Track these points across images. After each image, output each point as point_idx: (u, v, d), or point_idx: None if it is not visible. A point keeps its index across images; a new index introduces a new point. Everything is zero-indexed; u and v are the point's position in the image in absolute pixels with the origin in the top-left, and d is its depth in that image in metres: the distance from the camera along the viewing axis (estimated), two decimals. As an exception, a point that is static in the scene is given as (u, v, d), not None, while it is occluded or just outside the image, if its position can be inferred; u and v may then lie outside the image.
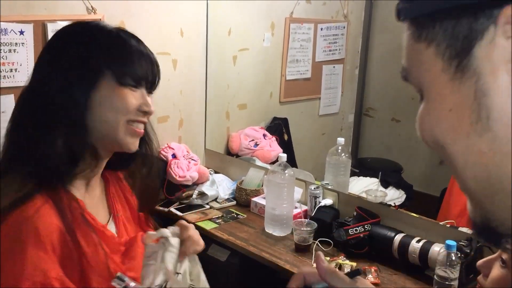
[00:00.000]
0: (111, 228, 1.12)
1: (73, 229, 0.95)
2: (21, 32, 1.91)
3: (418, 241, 1.76)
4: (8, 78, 1.91)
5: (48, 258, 0.89)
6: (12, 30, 1.89)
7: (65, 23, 2.03)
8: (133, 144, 1.07)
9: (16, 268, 0.87)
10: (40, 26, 1.96)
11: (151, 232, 1.03)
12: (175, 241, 1.02)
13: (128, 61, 1.03)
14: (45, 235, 0.89)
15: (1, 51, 1.88)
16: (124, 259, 1.07)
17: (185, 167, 2.41)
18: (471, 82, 0.37)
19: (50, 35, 1.98)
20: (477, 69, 0.36)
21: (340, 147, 2.28)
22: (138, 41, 1.08)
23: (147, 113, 1.06)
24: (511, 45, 0.35)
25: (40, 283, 0.86)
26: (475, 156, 0.38)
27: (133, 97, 1.03)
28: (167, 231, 1.02)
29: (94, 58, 1.01)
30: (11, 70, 1.91)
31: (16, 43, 1.91)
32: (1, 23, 1.86)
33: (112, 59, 1.01)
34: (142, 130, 1.08)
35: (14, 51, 1.91)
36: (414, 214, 1.98)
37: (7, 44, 1.89)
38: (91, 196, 1.09)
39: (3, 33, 1.87)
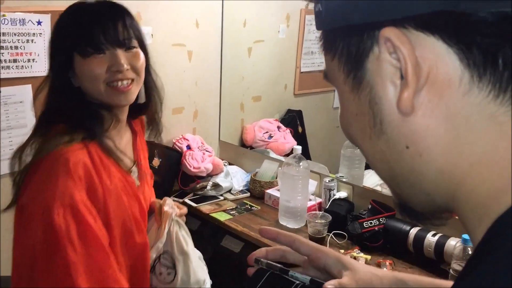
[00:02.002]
0: (134, 173, 1.29)
1: (99, 167, 1.12)
2: (39, 23, 1.92)
3: (433, 235, 1.75)
4: (26, 68, 1.93)
5: (74, 186, 1.05)
6: (30, 20, 1.90)
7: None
8: (121, 100, 1.18)
9: (49, 192, 1.04)
10: (58, 17, 1.97)
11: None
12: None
13: (85, 33, 1.14)
14: (73, 167, 1.06)
15: (19, 41, 1.90)
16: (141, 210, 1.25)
17: (199, 158, 2.42)
18: (366, 92, 0.42)
19: (67, 25, 1.99)
20: (369, 81, 0.41)
21: (355, 140, 2.26)
22: (102, 8, 1.19)
23: (120, 71, 1.15)
24: (393, 59, 0.39)
25: (68, 204, 1.04)
26: (379, 154, 0.44)
27: (98, 63, 1.14)
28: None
29: (62, 45, 1.17)
30: (28, 60, 1.93)
31: (34, 34, 1.92)
32: (19, 13, 1.88)
33: (72, 39, 1.15)
34: (126, 86, 1.17)
35: (32, 41, 1.93)
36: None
37: (25, 34, 1.90)
38: (119, 143, 1.26)
39: (20, 23, 1.89)
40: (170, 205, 1.35)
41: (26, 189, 1.07)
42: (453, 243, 1.68)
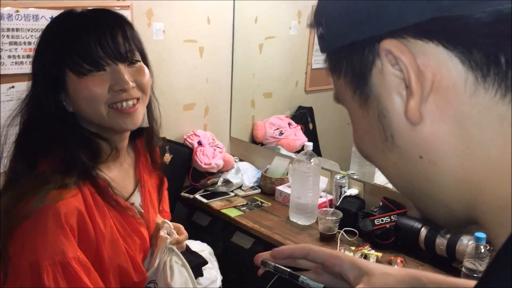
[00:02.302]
0: (137, 197, 1.17)
1: (93, 211, 1.00)
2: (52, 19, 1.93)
3: (445, 233, 1.74)
4: (39, 64, 1.95)
5: (66, 240, 0.94)
6: (43, 16, 1.92)
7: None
8: (127, 123, 1.03)
9: (39, 247, 0.93)
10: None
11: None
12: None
13: (79, 47, 0.97)
14: (65, 218, 0.94)
15: (33, 37, 1.91)
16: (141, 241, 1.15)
17: (210, 154, 2.43)
18: (374, 106, 0.42)
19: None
20: (376, 95, 0.41)
21: (366, 137, 2.25)
22: (96, 16, 1.02)
23: (124, 90, 1.00)
24: (396, 70, 0.39)
25: (59, 262, 0.93)
26: (392, 168, 0.44)
27: (98, 82, 0.98)
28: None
29: (52, 61, 0.99)
30: (41, 56, 1.95)
31: (47, 29, 1.93)
32: (32, 9, 1.89)
33: (64, 54, 0.98)
34: (132, 107, 1.02)
35: (45, 37, 1.94)
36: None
37: (38, 30, 1.91)
38: (119, 170, 1.13)
39: (34, 19, 1.90)
40: (168, 230, 1.22)
41: (12, 240, 0.93)
42: (466, 241, 1.66)
